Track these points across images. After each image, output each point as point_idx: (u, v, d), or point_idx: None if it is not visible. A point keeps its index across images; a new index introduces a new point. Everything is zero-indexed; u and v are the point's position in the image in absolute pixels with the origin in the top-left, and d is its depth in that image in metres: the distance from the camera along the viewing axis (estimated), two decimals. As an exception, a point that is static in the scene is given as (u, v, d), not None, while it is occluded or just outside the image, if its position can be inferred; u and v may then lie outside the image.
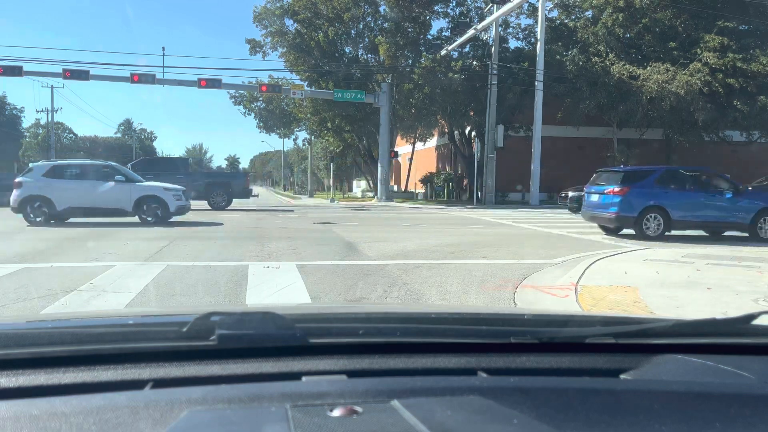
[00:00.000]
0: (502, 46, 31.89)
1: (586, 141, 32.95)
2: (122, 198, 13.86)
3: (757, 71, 26.55)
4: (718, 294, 5.56)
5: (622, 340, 1.19)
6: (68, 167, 14.51)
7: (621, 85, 27.81)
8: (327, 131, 39.05)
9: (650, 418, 0.85)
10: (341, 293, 5.89)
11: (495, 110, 28.81)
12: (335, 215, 19.24)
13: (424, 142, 42.23)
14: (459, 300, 5.78)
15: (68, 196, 13.61)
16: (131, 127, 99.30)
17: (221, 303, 5.40)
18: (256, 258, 8.14)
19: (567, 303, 5.35)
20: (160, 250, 8.82)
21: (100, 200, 13.83)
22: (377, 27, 33.20)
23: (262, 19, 35.31)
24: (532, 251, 9.55)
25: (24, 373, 0.95)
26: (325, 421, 0.77)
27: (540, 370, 1.09)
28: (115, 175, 14.32)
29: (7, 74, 28.91)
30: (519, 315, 1.61)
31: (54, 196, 13.50)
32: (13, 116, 74.82)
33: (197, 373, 0.98)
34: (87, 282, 6.07)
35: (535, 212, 22.94)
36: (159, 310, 3.64)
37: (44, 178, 13.73)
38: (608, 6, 29.71)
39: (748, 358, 1.15)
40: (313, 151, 54.30)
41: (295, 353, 1.05)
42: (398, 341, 1.13)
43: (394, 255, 8.73)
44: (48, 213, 13.53)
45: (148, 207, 13.94)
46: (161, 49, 78.52)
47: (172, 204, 14.07)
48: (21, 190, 13.59)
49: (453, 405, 0.83)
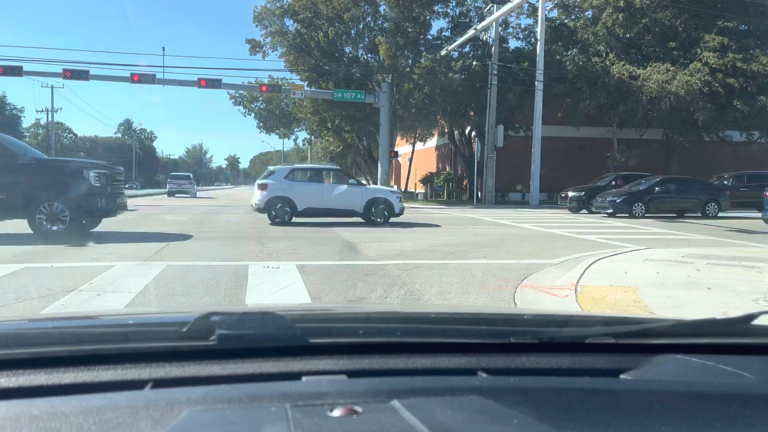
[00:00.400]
0: (502, 46, 31.89)
1: (586, 141, 32.96)
2: (355, 200, 14.89)
3: (757, 71, 26.55)
4: (718, 294, 5.56)
5: (622, 340, 1.19)
6: (306, 171, 15.70)
7: (621, 85, 27.81)
8: (327, 131, 39.04)
9: (650, 418, 0.85)
10: (341, 293, 5.89)
11: (495, 110, 28.81)
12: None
13: (424, 142, 42.22)
14: (459, 300, 5.78)
15: (307, 198, 14.67)
16: (131, 127, 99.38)
17: (221, 303, 5.40)
18: (256, 258, 8.14)
19: (567, 303, 5.35)
20: (160, 250, 8.83)
21: (335, 202, 14.88)
22: (377, 27, 33.20)
23: (262, 19, 35.30)
24: (532, 251, 9.55)
25: (24, 373, 0.95)
26: (325, 421, 0.77)
27: (540, 370, 1.09)
28: (346, 178, 15.73)
29: (7, 74, 28.89)
30: (519, 315, 1.61)
31: (295, 198, 14.55)
32: (13, 116, 74.82)
33: (197, 373, 0.98)
34: (87, 282, 6.07)
35: (535, 212, 22.94)
36: (159, 310, 3.64)
37: (286, 180, 14.80)
38: (608, 6, 29.70)
39: (748, 358, 1.15)
40: (313, 151, 54.31)
41: (295, 353, 1.05)
42: (398, 341, 1.13)
43: (394, 255, 8.73)
44: (290, 213, 14.52)
45: (376, 209, 14.89)
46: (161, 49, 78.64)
47: (396, 206, 15.10)
48: (266, 192, 14.61)
49: (453, 405, 0.83)
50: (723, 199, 20.71)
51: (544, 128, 29.30)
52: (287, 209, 14.44)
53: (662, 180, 20.94)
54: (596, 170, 28.72)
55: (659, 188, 20.15)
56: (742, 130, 29.80)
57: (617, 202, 19.78)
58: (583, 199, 22.48)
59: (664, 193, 20.15)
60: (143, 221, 15.68)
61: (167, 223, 15.22)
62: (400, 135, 39.14)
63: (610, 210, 19.81)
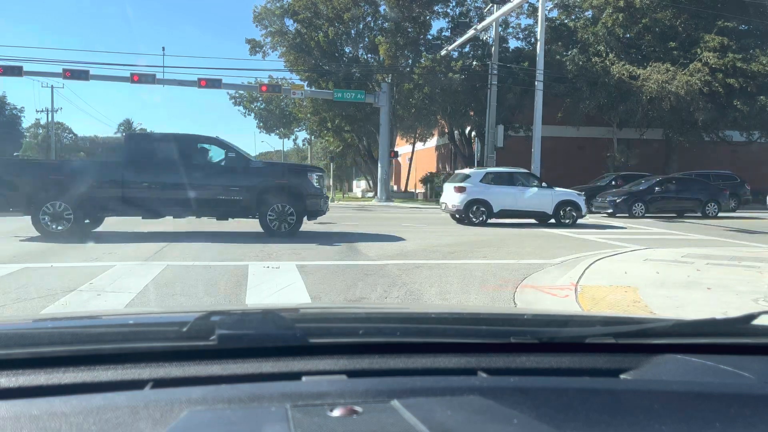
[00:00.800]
0: (502, 46, 31.87)
1: (586, 141, 32.94)
2: (545, 202, 15.48)
3: (757, 71, 26.54)
4: (718, 294, 5.56)
5: (622, 340, 1.19)
6: (500, 174, 16.29)
7: (621, 85, 27.80)
8: (327, 131, 39.03)
9: (650, 418, 0.85)
10: (341, 293, 5.89)
11: (495, 110, 28.80)
12: (335, 215, 19.23)
13: (424, 142, 42.21)
14: (459, 300, 5.78)
15: (502, 200, 15.34)
16: (131, 127, 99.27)
17: (221, 303, 5.40)
18: (256, 258, 8.14)
19: (567, 303, 5.35)
20: (160, 250, 8.83)
21: (527, 204, 15.55)
22: (377, 27, 33.20)
23: (262, 19, 35.30)
24: (532, 251, 9.55)
25: (24, 373, 0.95)
26: (325, 421, 0.77)
27: (540, 370, 1.09)
28: (536, 181, 16.30)
29: (7, 74, 28.88)
30: (519, 315, 1.61)
31: (491, 200, 15.24)
32: (13, 116, 74.81)
33: (197, 373, 0.98)
34: (87, 282, 6.07)
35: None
36: (159, 310, 3.64)
37: (482, 183, 15.50)
38: (608, 6, 29.69)
39: (748, 358, 1.15)
40: (313, 151, 54.30)
41: (295, 353, 1.05)
42: (398, 341, 1.13)
43: (394, 255, 8.73)
44: (486, 214, 15.16)
45: (564, 211, 15.39)
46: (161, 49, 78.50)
47: (582, 208, 15.63)
48: (464, 195, 15.30)
49: (453, 405, 0.83)
50: (723, 199, 20.73)
51: (544, 128, 29.26)
52: (484, 210, 15.15)
53: (662, 180, 20.96)
54: (596, 170, 28.72)
55: (659, 188, 20.17)
56: (742, 130, 29.79)
57: (617, 202, 19.79)
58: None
59: (664, 193, 20.18)
60: (143, 221, 15.66)
61: (167, 223, 15.21)
62: (400, 135, 39.14)
63: (610, 210, 19.82)
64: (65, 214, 10.18)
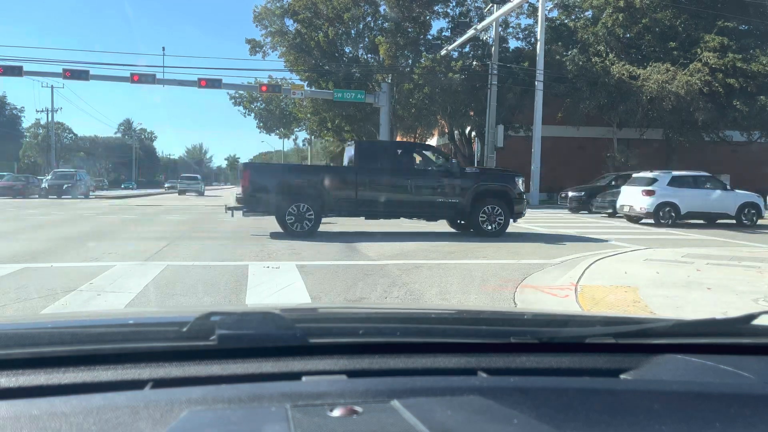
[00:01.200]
0: (502, 46, 31.87)
1: (586, 141, 32.94)
2: (728, 204, 16.06)
3: (757, 71, 26.54)
4: (718, 294, 5.56)
5: (622, 340, 1.19)
6: (685, 177, 16.70)
7: (621, 85, 27.80)
8: (327, 131, 39.04)
9: (650, 418, 0.85)
10: (341, 293, 5.89)
11: (495, 110, 28.80)
12: (335, 215, 19.22)
13: (424, 142, 42.23)
14: (459, 300, 5.78)
15: (689, 202, 15.86)
16: (131, 127, 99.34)
17: (221, 303, 5.40)
18: (256, 258, 8.14)
19: (567, 303, 5.35)
20: (160, 250, 8.83)
21: (711, 205, 16.10)
22: (377, 27, 33.19)
23: (262, 19, 35.29)
24: (532, 251, 9.55)
25: (24, 373, 0.95)
26: (325, 421, 0.77)
27: (540, 370, 1.09)
28: (720, 184, 16.73)
29: (7, 74, 28.92)
30: (519, 315, 1.61)
31: (679, 202, 15.78)
32: (13, 116, 74.86)
33: (197, 373, 0.98)
34: (87, 282, 6.07)
35: (535, 212, 22.91)
36: (159, 310, 3.64)
37: (669, 187, 16.01)
38: (608, 6, 29.70)
39: (748, 358, 1.15)
40: (313, 151, 54.28)
41: (295, 353, 1.05)
42: (398, 341, 1.13)
43: (394, 255, 8.73)
44: (674, 217, 15.66)
45: (746, 212, 15.91)
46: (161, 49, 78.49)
47: (762, 209, 16.05)
48: (654, 198, 15.85)
49: (453, 405, 0.83)
50: None
51: (544, 128, 29.30)
52: (672, 213, 15.65)
53: None
54: (596, 170, 28.71)
55: None
56: (742, 130, 29.80)
57: None
58: (583, 199, 22.47)
59: None
60: (143, 221, 15.69)
61: (167, 223, 15.22)
62: (400, 135, 39.11)
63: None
64: (307, 214, 10.99)
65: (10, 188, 31.82)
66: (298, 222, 10.91)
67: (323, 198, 11.09)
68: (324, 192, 11.10)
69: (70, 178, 33.99)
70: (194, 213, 19.96)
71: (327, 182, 11.18)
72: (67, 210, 20.19)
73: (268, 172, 11.89)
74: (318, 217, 11.07)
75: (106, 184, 67.39)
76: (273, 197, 10.92)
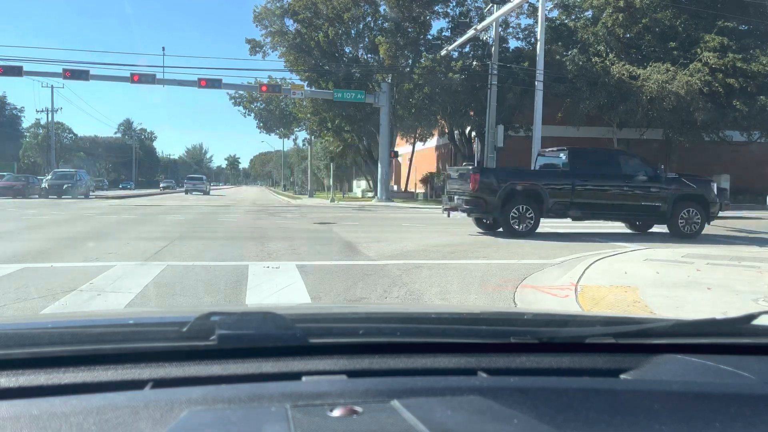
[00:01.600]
0: (502, 46, 31.86)
1: (586, 141, 32.80)
2: None
3: (757, 71, 26.52)
4: (718, 294, 5.56)
5: (622, 340, 1.19)
6: None
7: (621, 85, 27.78)
8: (327, 131, 39.03)
9: (650, 418, 0.85)
10: (341, 293, 5.89)
11: (495, 110, 28.79)
12: (335, 215, 19.24)
13: (424, 142, 42.20)
14: (459, 300, 5.78)
15: None
16: (131, 127, 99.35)
17: (221, 303, 5.40)
18: (256, 258, 8.14)
19: (567, 303, 5.35)
20: (160, 250, 8.83)
21: None
22: (377, 27, 33.18)
23: (262, 19, 35.29)
24: (532, 251, 9.54)
25: (24, 373, 0.95)
26: (325, 421, 0.77)
27: (540, 370, 1.09)
28: None
29: (7, 74, 28.91)
30: (519, 315, 1.61)
31: None
32: (13, 116, 74.84)
33: (197, 373, 0.98)
34: (87, 282, 6.07)
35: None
36: (159, 310, 3.64)
37: None
38: (608, 6, 29.68)
39: (748, 358, 1.15)
40: (313, 151, 54.26)
41: (295, 353, 1.05)
42: (398, 341, 1.13)
43: (394, 255, 8.72)
44: None
45: None
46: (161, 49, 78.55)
47: None
48: None
49: (453, 405, 0.83)
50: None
51: (544, 128, 29.25)
52: None
53: None
54: (596, 170, 28.64)
55: None
56: (742, 130, 29.77)
57: None
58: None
59: None
60: (144, 221, 15.69)
61: (167, 222, 15.23)
62: (400, 135, 39.12)
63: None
64: (527, 215, 11.76)
65: (10, 188, 31.84)
66: (521, 222, 11.71)
67: (543, 200, 11.87)
68: (544, 195, 11.89)
69: (70, 178, 34.03)
70: (194, 213, 19.97)
71: (547, 186, 11.99)
72: (67, 210, 20.20)
73: (496, 176, 12.50)
74: (537, 218, 11.83)
75: (106, 184, 67.47)
76: (498, 199, 11.71)
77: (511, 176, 12.31)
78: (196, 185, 50.09)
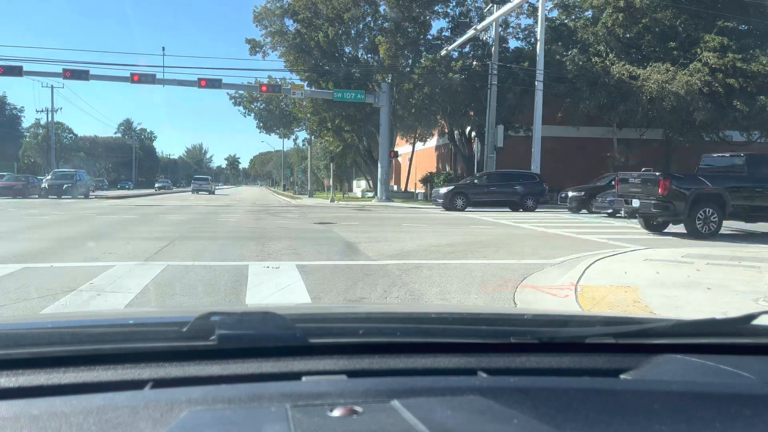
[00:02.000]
0: (502, 46, 31.88)
1: (586, 141, 32.94)
2: None
3: (757, 71, 26.53)
4: (718, 294, 5.56)
5: (622, 340, 1.19)
6: None
7: (621, 85, 27.79)
8: (327, 131, 39.04)
9: (650, 418, 0.85)
10: (341, 293, 5.89)
11: (495, 110, 28.80)
12: (335, 215, 19.25)
13: (424, 142, 42.20)
14: (459, 300, 5.78)
15: None
16: (131, 127, 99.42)
17: (221, 303, 5.40)
18: (256, 258, 8.14)
19: (567, 303, 5.35)
20: (160, 250, 8.83)
21: None
22: (377, 27, 33.20)
23: (262, 19, 35.31)
24: (532, 251, 9.55)
25: (24, 373, 0.95)
26: (325, 421, 0.77)
27: (540, 370, 1.09)
28: None
29: (7, 74, 28.92)
30: (519, 315, 1.61)
31: None
32: (13, 116, 74.88)
33: (197, 373, 0.98)
34: (87, 282, 6.07)
35: (534, 212, 22.94)
36: (159, 310, 3.64)
37: None
38: (608, 6, 29.69)
39: (748, 358, 1.15)
40: (313, 151, 54.28)
41: (295, 353, 1.05)
42: (398, 341, 1.13)
43: (394, 255, 8.73)
44: None
45: None
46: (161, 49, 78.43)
47: None
48: None
49: (453, 405, 0.83)
50: None
51: (544, 128, 29.29)
52: None
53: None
54: (596, 170, 28.71)
55: None
56: (742, 130, 29.78)
57: None
58: (583, 199, 22.48)
59: None
60: (144, 221, 15.69)
61: (167, 222, 15.23)
62: (400, 135, 39.13)
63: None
64: (712, 218, 12.24)
65: (9, 188, 31.85)
66: (705, 225, 12.20)
67: (725, 204, 12.29)
68: (726, 199, 12.30)
69: (70, 178, 34.04)
70: (194, 213, 19.97)
71: (729, 190, 12.38)
72: (67, 210, 20.20)
73: (684, 182, 12.79)
74: (721, 220, 12.26)
75: (106, 184, 67.50)
76: (685, 203, 12.11)
77: (697, 182, 12.70)
78: (202, 185, 54.84)
